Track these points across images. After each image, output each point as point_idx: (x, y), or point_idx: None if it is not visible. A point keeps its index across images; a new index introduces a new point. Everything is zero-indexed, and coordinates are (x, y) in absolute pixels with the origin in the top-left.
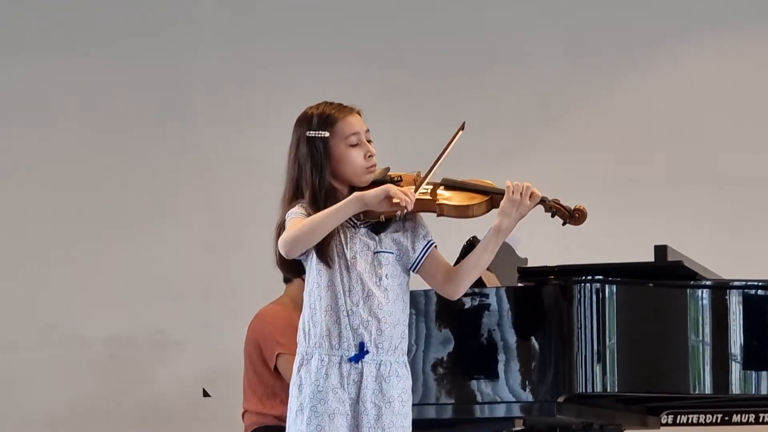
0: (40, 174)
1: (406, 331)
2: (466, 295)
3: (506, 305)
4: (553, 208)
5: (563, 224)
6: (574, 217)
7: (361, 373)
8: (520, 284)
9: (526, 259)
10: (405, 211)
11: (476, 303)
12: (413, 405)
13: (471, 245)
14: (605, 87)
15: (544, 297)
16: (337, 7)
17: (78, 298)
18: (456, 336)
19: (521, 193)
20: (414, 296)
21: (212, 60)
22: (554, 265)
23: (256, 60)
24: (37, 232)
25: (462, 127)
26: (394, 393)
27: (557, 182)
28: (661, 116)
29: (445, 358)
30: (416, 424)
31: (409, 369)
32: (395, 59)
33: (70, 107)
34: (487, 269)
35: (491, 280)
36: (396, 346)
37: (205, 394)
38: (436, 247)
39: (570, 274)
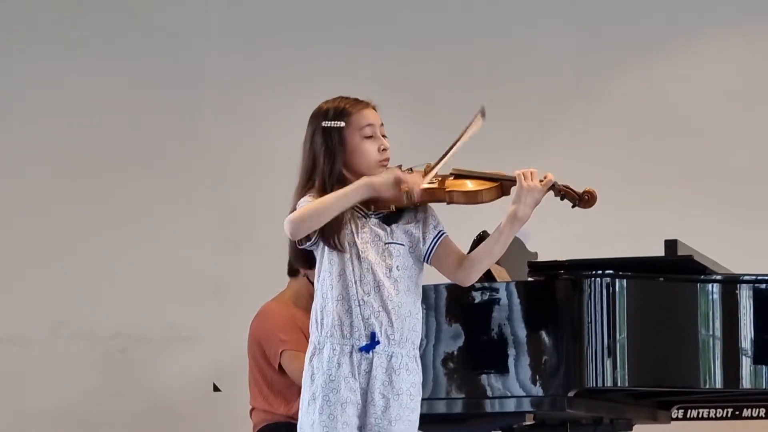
0: (52, 171)
1: (419, 325)
2: (476, 289)
3: (516, 300)
4: (562, 191)
5: (572, 207)
6: (583, 199)
7: (371, 364)
8: (530, 279)
9: (536, 254)
10: (413, 197)
11: (486, 297)
12: (423, 399)
13: (481, 239)
14: (618, 80)
15: (554, 291)
16: (343, 3)
17: (89, 294)
18: (466, 331)
19: (533, 178)
20: (424, 291)
21: (224, 57)
22: (564, 259)
23: (269, 57)
24: (48, 229)
25: (483, 114)
26: (404, 386)
27: (569, 175)
28: (674, 110)
29: (455, 353)
30: (427, 418)
31: (419, 364)
32: (408, 55)
33: (84, 105)
34: (498, 264)
35: (501, 275)
36: (407, 339)
37: (216, 389)
38: (447, 236)
39: (580, 269)
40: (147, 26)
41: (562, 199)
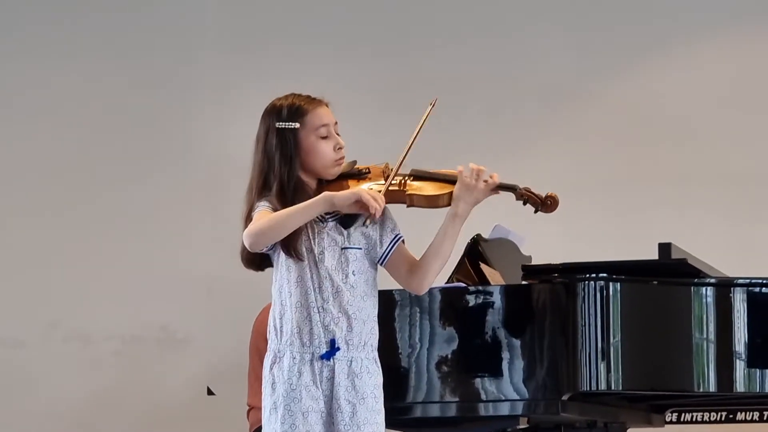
0: (44, 172)
1: (376, 327)
2: (470, 292)
3: (510, 303)
4: (525, 196)
5: (535, 212)
6: (546, 204)
7: (333, 371)
8: (524, 282)
9: (530, 257)
10: (374, 218)
11: (480, 301)
12: (417, 403)
13: (475, 243)
14: (612, 83)
15: (548, 295)
16: (341, 3)
17: (83, 296)
18: (460, 334)
19: (475, 177)
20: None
21: (217, 58)
22: (558, 262)
23: (264, 55)
24: (42, 230)
25: (432, 104)
26: (367, 389)
27: (562, 178)
28: (669, 112)
29: (449, 356)
30: (421, 422)
31: (379, 365)
32: (405, 56)
33: (76, 106)
34: (492, 267)
35: (495, 278)
36: (366, 342)
37: (210, 392)
38: (403, 241)
39: (574, 272)
40: (143, 27)
41: (524, 203)
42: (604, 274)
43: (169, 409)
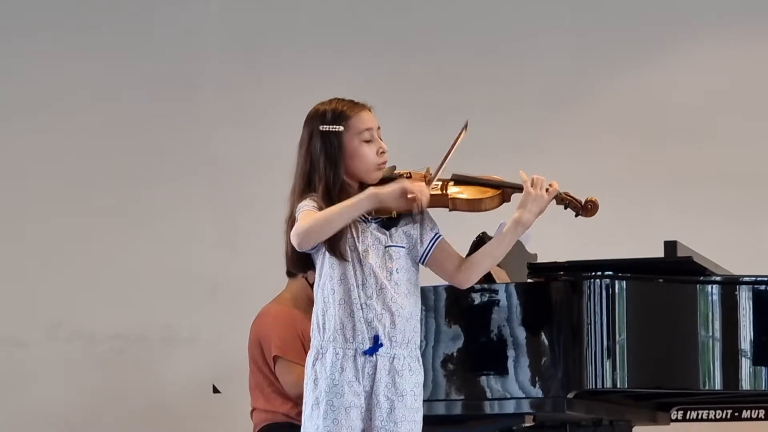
0: (48, 171)
1: (419, 326)
2: (475, 291)
3: (516, 301)
4: (566, 200)
5: (576, 216)
6: (586, 208)
7: (375, 366)
8: (529, 280)
9: (535, 255)
10: (421, 206)
11: (486, 299)
12: (423, 401)
13: (481, 241)
14: (615, 82)
15: (553, 293)
16: (347, 3)
17: (87, 295)
18: (466, 332)
19: (540, 186)
20: (423, 292)
21: (223, 57)
22: (564, 260)
23: (267, 57)
24: (44, 229)
25: (465, 127)
26: (407, 387)
27: (567, 178)
28: (672, 111)
29: (454, 354)
30: (426, 420)
31: (421, 363)
32: (405, 55)
33: (80, 104)
34: (497, 265)
35: (501, 276)
36: (409, 340)
37: (215, 390)
38: (443, 239)
39: (580, 270)
40: (146, 29)
41: (565, 207)
42: (610, 272)
43: (174, 408)
